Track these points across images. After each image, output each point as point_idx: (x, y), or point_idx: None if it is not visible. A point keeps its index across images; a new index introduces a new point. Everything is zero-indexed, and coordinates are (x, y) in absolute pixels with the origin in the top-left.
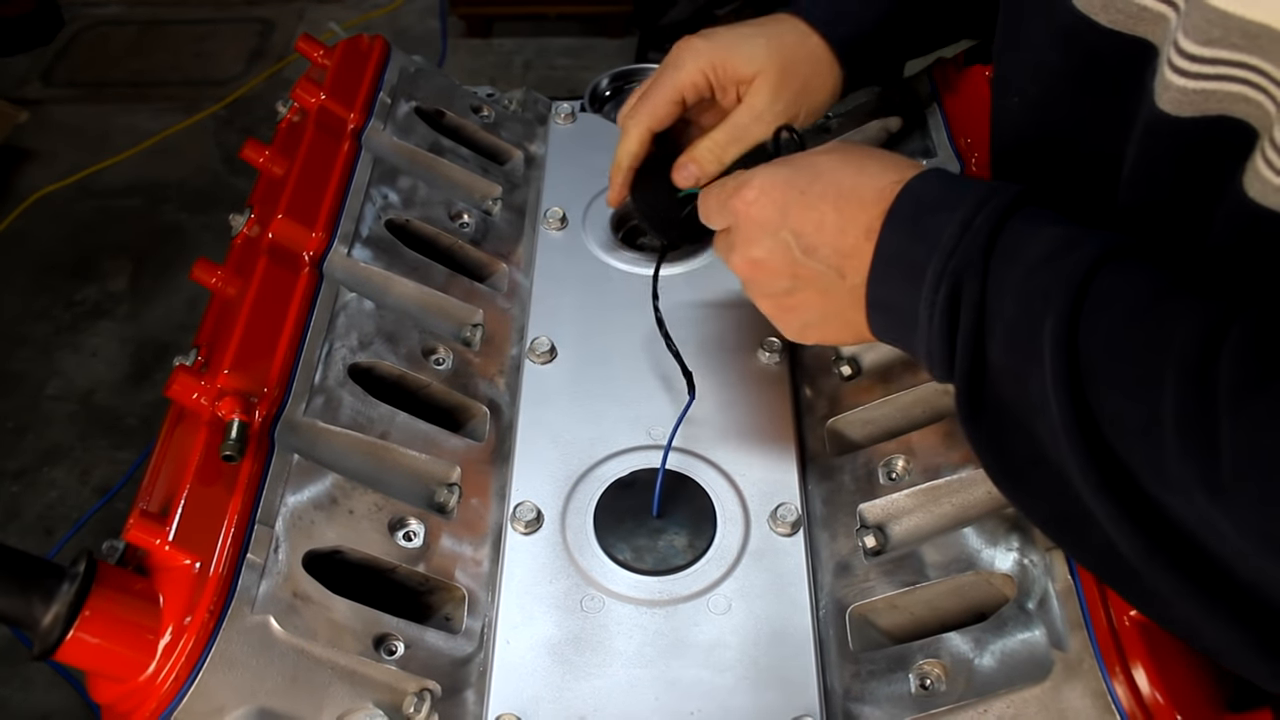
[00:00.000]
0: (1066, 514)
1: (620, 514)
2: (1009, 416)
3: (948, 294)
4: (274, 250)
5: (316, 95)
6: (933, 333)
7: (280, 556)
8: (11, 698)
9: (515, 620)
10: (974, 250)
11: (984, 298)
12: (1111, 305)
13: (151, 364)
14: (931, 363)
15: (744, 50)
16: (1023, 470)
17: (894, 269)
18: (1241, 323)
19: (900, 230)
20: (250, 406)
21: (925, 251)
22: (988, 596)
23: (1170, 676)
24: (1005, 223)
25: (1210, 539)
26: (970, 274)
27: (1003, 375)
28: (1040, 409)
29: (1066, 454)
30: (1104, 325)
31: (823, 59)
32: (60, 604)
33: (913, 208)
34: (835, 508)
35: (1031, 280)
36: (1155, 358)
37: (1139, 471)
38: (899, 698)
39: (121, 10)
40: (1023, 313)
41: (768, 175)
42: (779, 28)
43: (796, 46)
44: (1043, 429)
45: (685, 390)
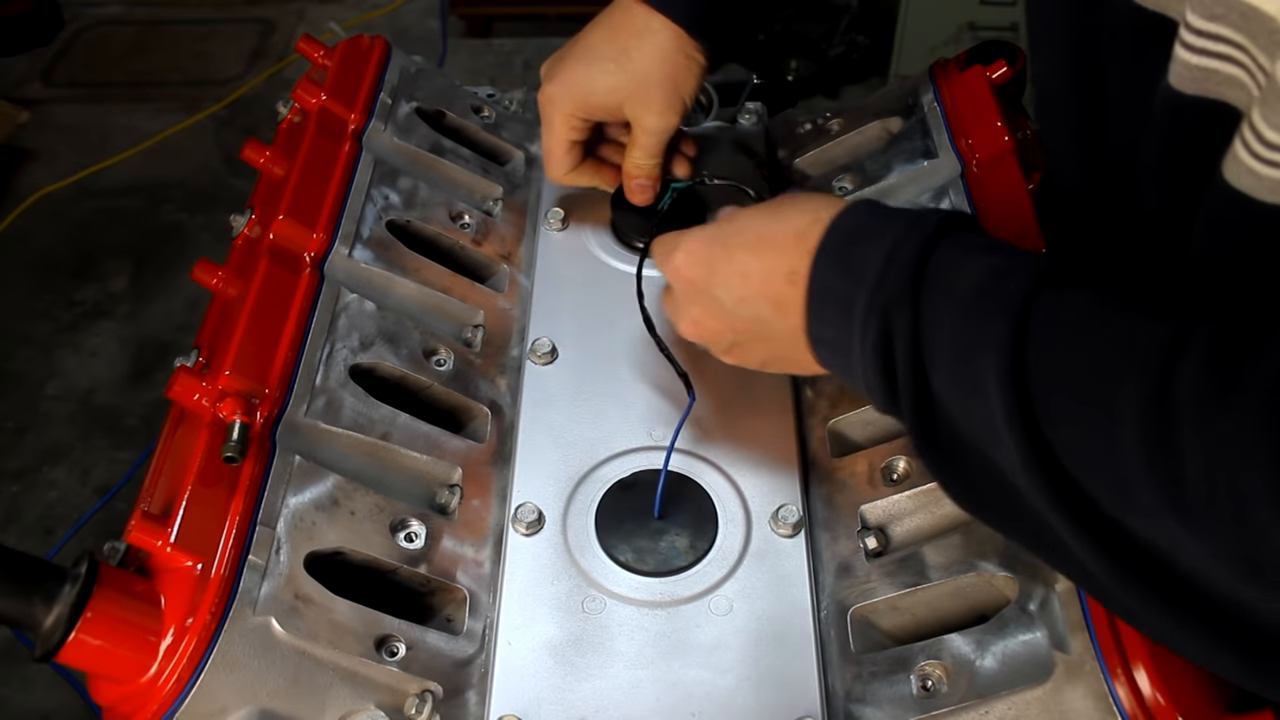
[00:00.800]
0: (1036, 531)
1: (622, 515)
2: (963, 444)
3: (878, 328)
4: (275, 251)
5: (317, 96)
6: (867, 367)
7: (282, 558)
8: (12, 697)
9: (517, 621)
10: (902, 282)
11: (918, 330)
12: (1055, 335)
13: (151, 364)
14: (871, 396)
15: (600, 84)
16: (985, 493)
17: (827, 305)
18: (1195, 341)
19: (829, 266)
20: (251, 408)
21: (853, 285)
22: (989, 598)
23: (1172, 678)
24: (932, 252)
25: (1180, 556)
26: (900, 307)
27: (950, 406)
28: (993, 440)
29: (1025, 486)
30: (1050, 357)
31: (675, 44)
32: (62, 606)
33: (840, 241)
34: (836, 509)
35: (968, 314)
36: (1109, 386)
37: (1102, 497)
38: (900, 699)
39: (121, 10)
40: (962, 348)
41: (693, 238)
42: (625, 28)
43: (647, 47)
44: (999, 457)
45: (687, 391)
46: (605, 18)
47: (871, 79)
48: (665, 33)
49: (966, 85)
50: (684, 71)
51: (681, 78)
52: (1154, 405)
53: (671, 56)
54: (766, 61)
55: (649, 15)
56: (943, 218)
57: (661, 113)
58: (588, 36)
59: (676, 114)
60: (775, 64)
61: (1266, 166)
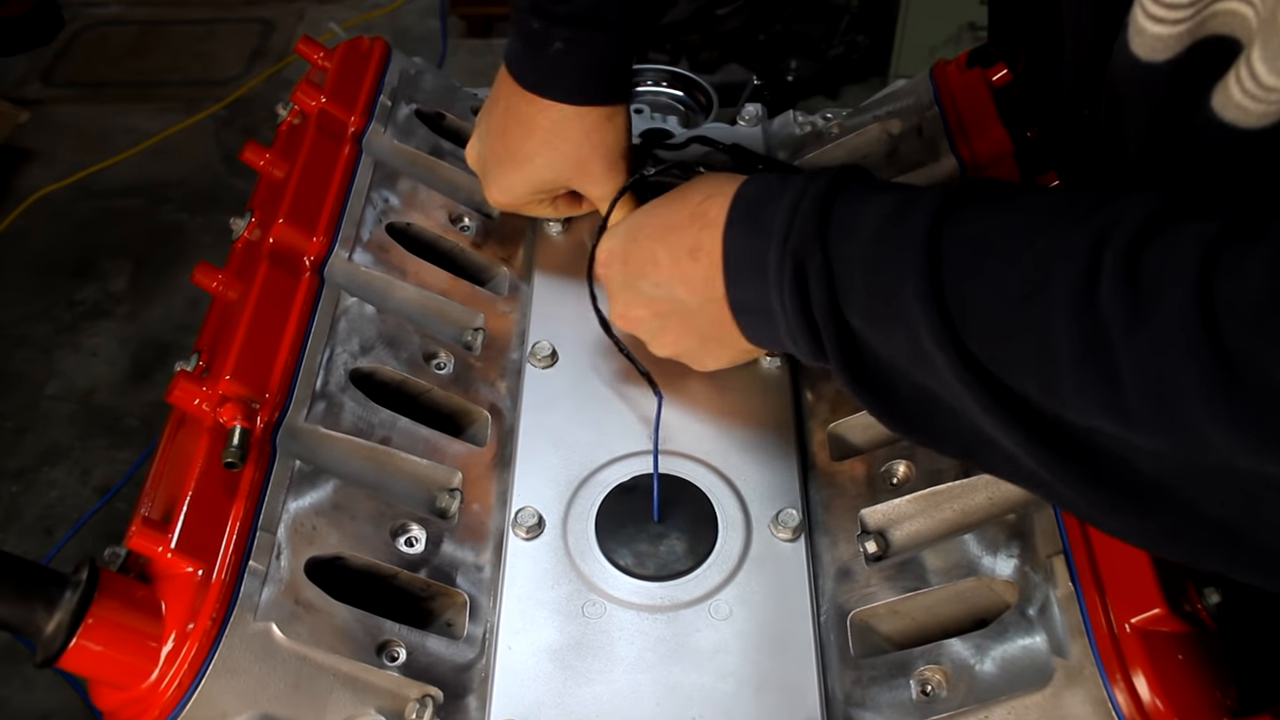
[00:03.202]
0: (974, 441)
1: (622, 519)
2: (889, 373)
3: (793, 275)
4: (275, 255)
5: (317, 98)
6: (788, 316)
7: (282, 563)
8: (12, 698)
9: (517, 626)
10: (808, 229)
11: (830, 271)
12: (969, 256)
13: (151, 364)
14: (797, 346)
15: (538, 180)
16: (918, 416)
17: (742, 268)
18: (1113, 246)
19: (739, 231)
20: (252, 413)
21: (763, 242)
22: (989, 602)
23: (1171, 683)
24: (834, 199)
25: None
26: (809, 252)
27: (872, 339)
28: (920, 360)
29: (961, 397)
30: (968, 277)
31: (591, 118)
32: (63, 612)
33: (746, 207)
34: (836, 513)
35: (877, 247)
36: (1032, 301)
37: (1038, 400)
38: (900, 704)
39: (121, 10)
40: (876, 281)
41: (610, 236)
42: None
43: (568, 133)
44: (928, 376)
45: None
46: (512, 113)
47: (871, 79)
48: (579, 115)
49: (967, 88)
50: (612, 133)
51: (612, 139)
52: (1080, 318)
53: (594, 130)
54: (766, 61)
55: (553, 106)
56: (838, 170)
57: (606, 179)
58: (505, 137)
59: (621, 171)
60: (775, 64)
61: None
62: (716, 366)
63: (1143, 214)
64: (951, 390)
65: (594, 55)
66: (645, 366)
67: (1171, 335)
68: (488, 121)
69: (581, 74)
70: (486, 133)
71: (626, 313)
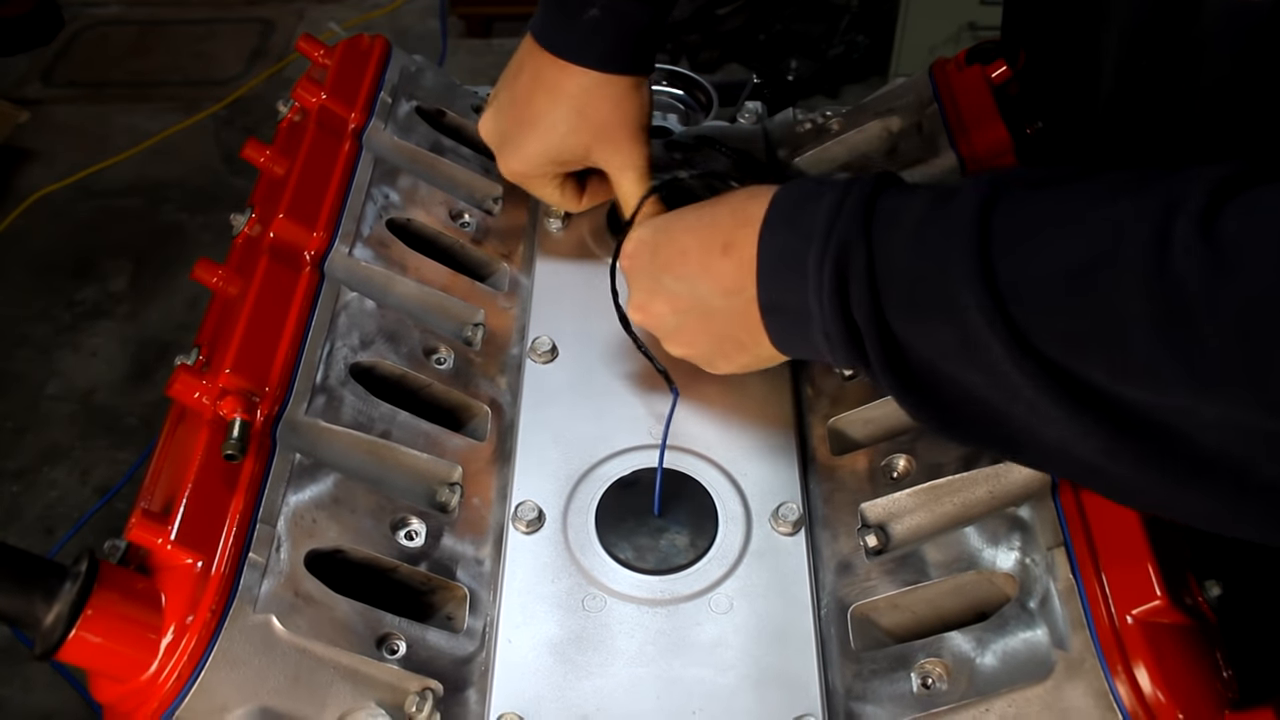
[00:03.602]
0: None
1: (622, 513)
2: (930, 369)
3: (833, 272)
4: (275, 250)
5: (317, 95)
6: (826, 316)
7: (282, 556)
8: (12, 697)
9: (517, 619)
10: (853, 224)
11: (872, 266)
12: (1022, 232)
13: (151, 364)
14: (832, 348)
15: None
16: (962, 413)
17: (778, 267)
18: (1186, 209)
19: (777, 230)
20: (252, 406)
21: (803, 241)
22: (989, 595)
23: (1172, 675)
24: (877, 197)
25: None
26: (853, 246)
27: (914, 335)
28: (968, 351)
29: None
30: (1022, 254)
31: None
32: (62, 603)
33: (785, 208)
34: (837, 507)
35: (922, 231)
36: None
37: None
38: (901, 697)
39: (121, 10)
40: (921, 268)
41: (641, 228)
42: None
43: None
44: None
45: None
46: (539, 80)
47: (871, 79)
48: (608, 83)
49: (966, 85)
50: (638, 103)
51: (637, 110)
52: (1157, 283)
53: (623, 98)
54: (766, 61)
55: (583, 73)
56: (880, 173)
57: (629, 150)
58: (529, 104)
59: (643, 144)
60: (775, 64)
61: None
62: (729, 370)
63: (1216, 178)
64: (1002, 380)
65: (628, 23)
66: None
67: (1260, 293)
68: (509, 91)
69: (615, 41)
70: (507, 102)
71: (647, 305)
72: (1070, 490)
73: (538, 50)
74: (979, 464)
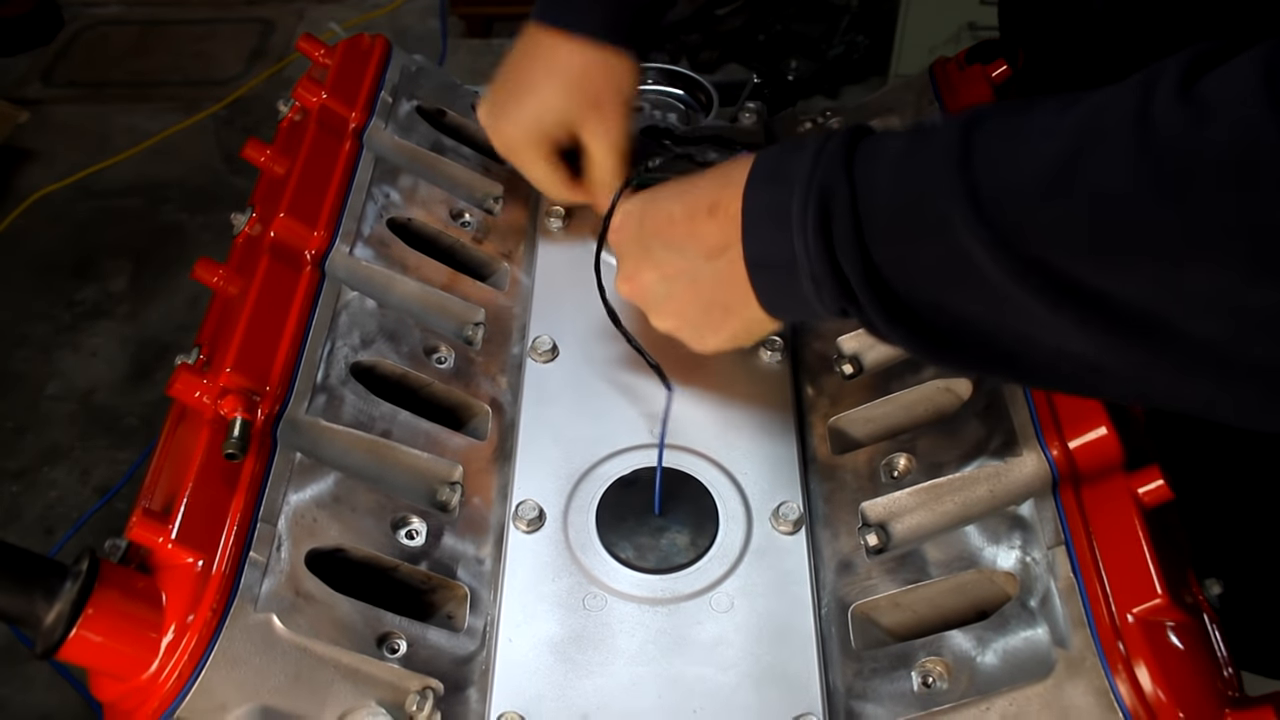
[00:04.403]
0: (1014, 350)
1: (622, 512)
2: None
3: (816, 213)
4: (276, 249)
5: (318, 94)
6: (812, 258)
7: (283, 555)
8: (12, 698)
9: (518, 618)
10: (833, 166)
11: (854, 200)
12: (1000, 143)
13: (151, 364)
14: (820, 293)
15: (552, 115)
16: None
17: (762, 221)
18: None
19: (760, 186)
20: (253, 405)
21: (784, 191)
22: (990, 594)
23: (1173, 674)
24: (857, 142)
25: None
26: (835, 185)
27: (899, 265)
28: (955, 266)
29: (1002, 292)
30: (1006, 157)
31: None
32: (63, 602)
33: (768, 165)
34: (837, 506)
35: (902, 163)
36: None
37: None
38: (901, 695)
39: (121, 10)
40: (904, 193)
41: (628, 202)
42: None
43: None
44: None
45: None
46: (534, 51)
47: (871, 79)
48: (602, 55)
49: (967, 85)
50: (629, 79)
51: (628, 85)
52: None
53: (616, 70)
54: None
55: (579, 43)
56: (856, 124)
57: (616, 122)
58: (521, 73)
59: (628, 119)
60: (775, 64)
61: None
62: (716, 345)
63: (1190, 54)
64: (993, 291)
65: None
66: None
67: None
68: (504, 70)
69: (614, 12)
70: (502, 79)
71: (635, 275)
72: (1071, 489)
73: (535, 28)
74: (979, 463)
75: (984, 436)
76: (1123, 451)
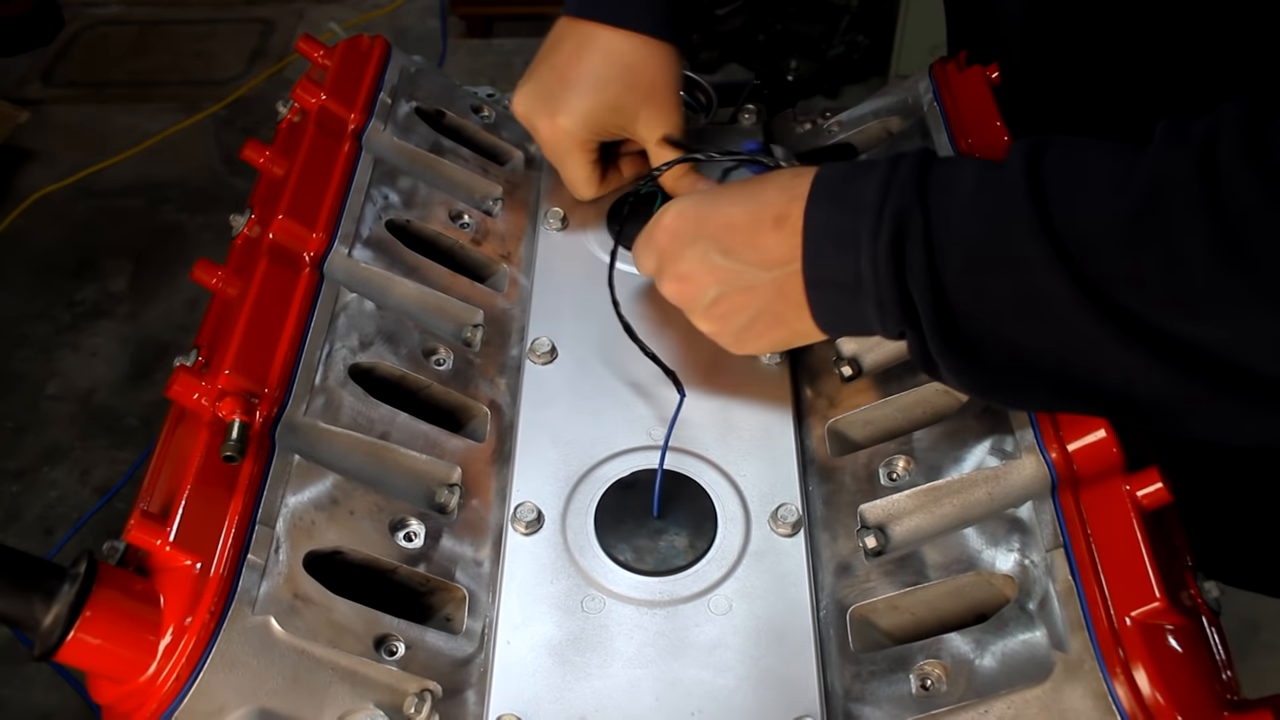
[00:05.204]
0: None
1: (621, 514)
2: (982, 330)
3: (890, 240)
4: (274, 251)
5: (317, 96)
6: (881, 284)
7: (281, 557)
8: (11, 698)
9: (516, 621)
10: (907, 193)
11: (929, 229)
12: (1073, 184)
13: (151, 364)
14: (884, 317)
15: (609, 108)
16: (1008, 374)
17: (826, 242)
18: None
19: (824, 205)
20: (251, 407)
21: (853, 216)
22: (989, 597)
23: (1171, 677)
24: (927, 168)
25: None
26: (910, 214)
27: (969, 294)
28: (1030, 301)
29: (1077, 330)
30: (1079, 201)
31: (667, 52)
32: (61, 605)
33: (831, 185)
34: (836, 508)
35: (978, 195)
36: (1153, 209)
37: (1161, 318)
38: (900, 698)
39: (121, 10)
40: (979, 227)
41: (682, 200)
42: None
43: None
44: (1037, 319)
45: (676, 389)
46: (587, 45)
47: (871, 79)
48: (654, 48)
49: (966, 85)
50: (677, 72)
51: (677, 76)
52: (1207, 207)
53: (668, 62)
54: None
55: (632, 37)
56: (923, 148)
57: (671, 113)
58: (577, 65)
59: (680, 111)
60: (775, 64)
61: None
62: (755, 350)
63: (1242, 111)
64: (1067, 328)
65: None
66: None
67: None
68: (548, 63)
69: (663, 9)
70: (548, 70)
71: (688, 275)
72: (1070, 491)
73: (579, 23)
74: (978, 465)
75: (983, 439)
76: (1121, 454)
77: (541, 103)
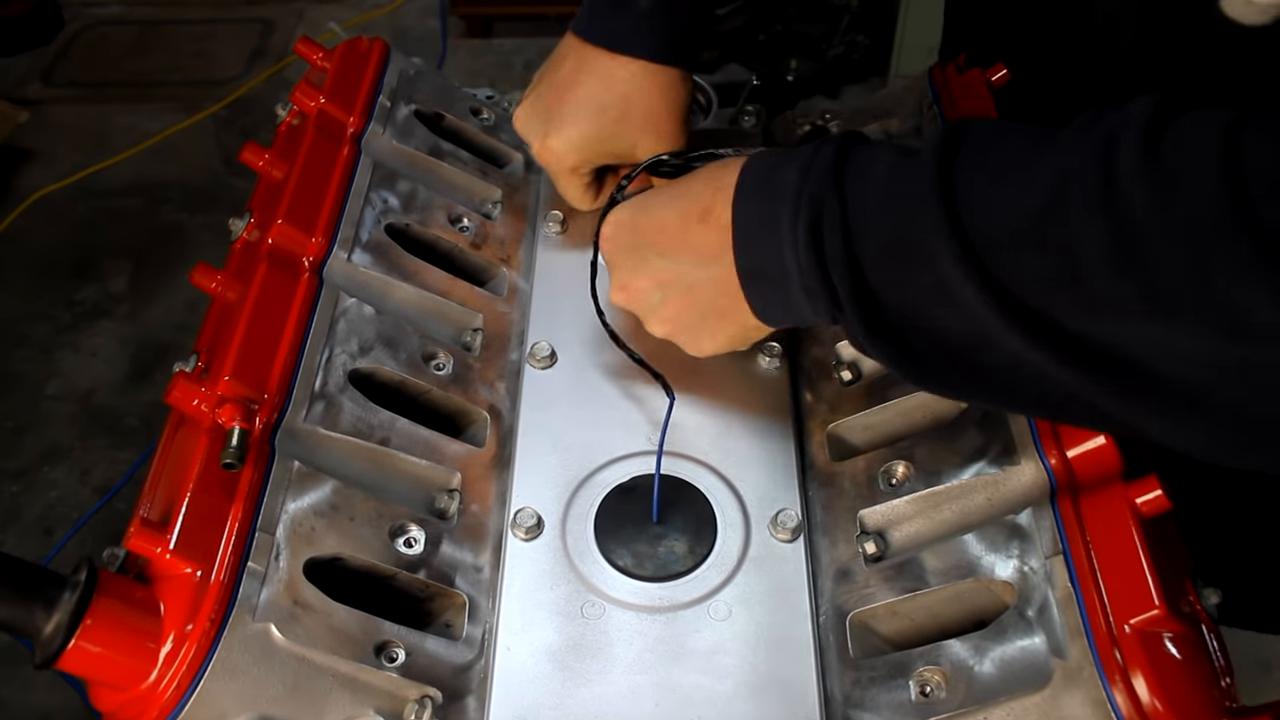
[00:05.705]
0: (988, 380)
1: (621, 520)
2: (904, 318)
3: (808, 229)
4: (274, 255)
5: (316, 99)
6: (803, 271)
7: (281, 564)
8: (12, 698)
9: (516, 626)
10: (824, 180)
11: (845, 219)
12: (981, 180)
13: (151, 364)
14: (814, 304)
15: (606, 135)
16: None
17: (754, 232)
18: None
19: (749, 196)
20: (250, 413)
21: (774, 204)
22: (988, 603)
23: (1170, 684)
24: (846, 154)
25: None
26: (825, 202)
27: (888, 284)
28: (941, 295)
29: (985, 325)
30: (986, 198)
31: (668, 77)
32: (62, 613)
33: (757, 174)
34: (835, 514)
35: (891, 186)
36: (1054, 209)
37: (1065, 315)
38: (899, 705)
39: (121, 10)
40: (892, 218)
41: (618, 209)
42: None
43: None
44: (949, 312)
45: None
46: (587, 69)
47: (871, 79)
48: (657, 73)
49: (966, 88)
50: (683, 95)
51: (682, 102)
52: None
53: (670, 89)
54: (766, 61)
55: (634, 63)
56: (845, 131)
57: (671, 139)
58: (576, 89)
59: (683, 135)
60: (775, 64)
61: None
62: (713, 349)
63: (1149, 109)
64: (975, 324)
65: (675, 17)
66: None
67: (1202, 212)
68: (550, 80)
69: (664, 32)
70: (550, 88)
71: (629, 283)
72: (1069, 498)
73: (581, 44)
74: (978, 471)
75: (982, 444)
76: (1121, 461)
77: (537, 122)
